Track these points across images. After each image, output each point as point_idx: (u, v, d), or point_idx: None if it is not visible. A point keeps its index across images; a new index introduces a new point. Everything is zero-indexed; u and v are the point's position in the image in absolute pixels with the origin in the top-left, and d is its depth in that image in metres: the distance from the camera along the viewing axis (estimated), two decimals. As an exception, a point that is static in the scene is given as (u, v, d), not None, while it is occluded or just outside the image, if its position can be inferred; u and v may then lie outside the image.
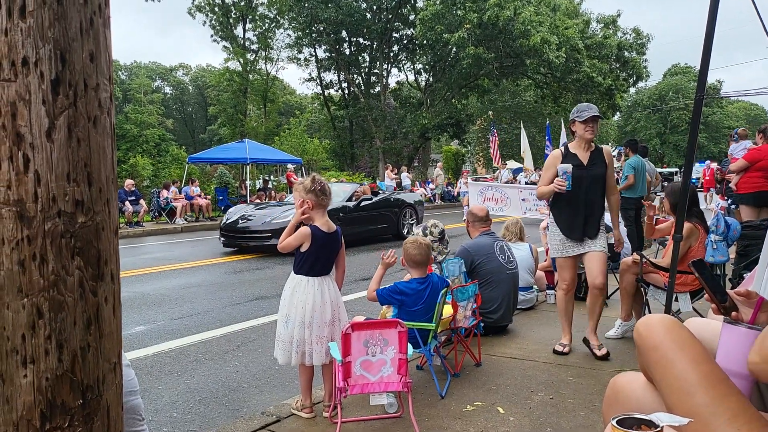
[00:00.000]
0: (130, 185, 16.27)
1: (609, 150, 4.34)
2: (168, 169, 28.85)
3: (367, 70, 32.85)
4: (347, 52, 32.43)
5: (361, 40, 32.28)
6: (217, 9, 30.77)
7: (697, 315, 4.33)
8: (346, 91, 33.77)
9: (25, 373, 1.37)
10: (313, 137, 37.57)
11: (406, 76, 35.31)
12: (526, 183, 19.53)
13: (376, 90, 32.76)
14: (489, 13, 24.84)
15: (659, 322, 1.48)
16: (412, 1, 30.99)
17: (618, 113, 50.93)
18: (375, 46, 31.71)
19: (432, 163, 34.70)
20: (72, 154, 1.38)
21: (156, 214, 16.88)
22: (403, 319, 3.30)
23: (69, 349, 1.40)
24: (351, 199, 11.88)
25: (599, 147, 4.33)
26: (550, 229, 4.36)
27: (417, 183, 26.27)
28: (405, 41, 32.48)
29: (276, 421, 3.26)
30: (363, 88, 32.68)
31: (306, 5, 29.51)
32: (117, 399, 1.55)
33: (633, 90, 47.99)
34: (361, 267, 9.03)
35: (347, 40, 32.16)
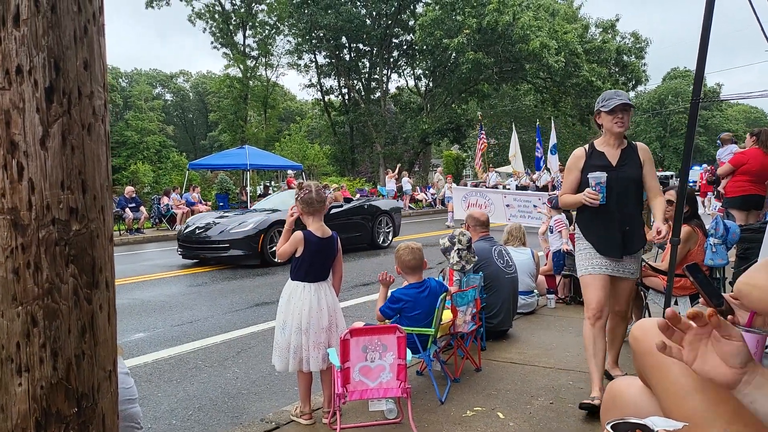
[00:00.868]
0: (131, 192, 16.29)
1: (645, 147, 3.64)
2: (169, 176, 28.88)
3: (367, 75, 32.97)
4: (347, 57, 32.55)
5: (360, 46, 32.41)
6: (217, 16, 30.93)
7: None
8: (347, 96, 33.88)
9: (20, 382, 1.37)
10: (314, 143, 37.61)
11: (406, 81, 35.50)
12: (516, 188, 19.43)
13: (377, 95, 32.86)
14: (488, 19, 24.93)
15: (654, 326, 1.47)
16: (412, 7, 31.14)
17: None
18: (375, 51, 31.82)
19: (432, 168, 34.74)
20: (66, 161, 1.38)
21: (156, 220, 16.89)
22: (403, 325, 3.30)
23: (64, 357, 1.40)
24: None
25: (633, 144, 3.61)
26: (577, 246, 3.66)
27: (418, 188, 26.29)
28: (405, 47, 32.62)
29: (275, 428, 3.26)
30: (363, 93, 32.78)
31: (306, 12, 29.65)
32: (112, 407, 1.55)
33: (632, 94, 48.05)
34: (360, 273, 9.02)
35: (347, 46, 32.28)
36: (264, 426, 3.28)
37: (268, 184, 29.03)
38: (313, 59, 33.46)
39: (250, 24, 31.44)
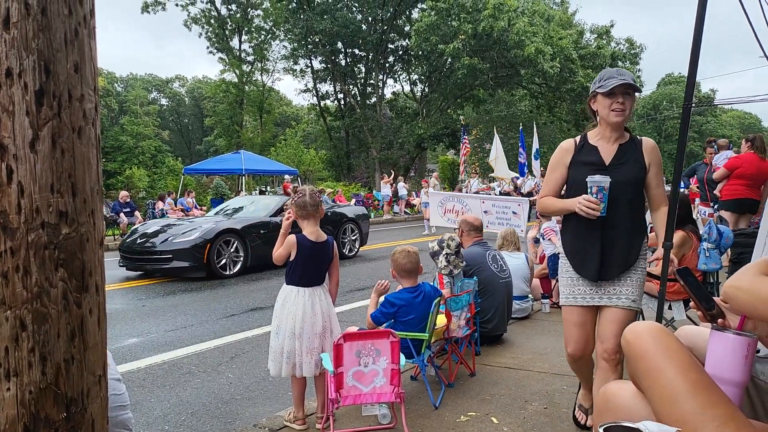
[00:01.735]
0: (125, 197, 16.25)
1: (653, 145, 2.85)
2: (164, 181, 28.86)
3: (362, 80, 33.02)
4: (343, 63, 32.60)
5: (356, 51, 32.47)
6: (213, 21, 30.97)
7: (691, 323, 4.33)
8: (342, 101, 33.92)
9: (8, 386, 1.35)
10: (310, 148, 37.66)
11: (402, 86, 35.57)
12: (500, 193, 19.28)
13: (372, 100, 32.91)
14: (483, 24, 25.02)
15: (646, 330, 1.47)
16: (407, 13, 31.24)
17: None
18: (370, 57, 31.88)
19: (428, 173, 34.78)
20: (56, 165, 1.38)
21: (151, 225, 16.82)
22: (397, 329, 3.29)
23: (53, 361, 1.39)
24: (277, 214, 10.11)
25: (637, 139, 2.82)
26: (560, 262, 2.99)
27: (413, 192, 26.31)
28: (400, 52, 32.69)
29: (268, 433, 3.24)
30: (359, 98, 32.83)
31: (301, 17, 29.70)
32: (102, 412, 1.54)
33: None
34: (356, 277, 9.00)
35: (343, 51, 32.34)
36: (257, 431, 3.26)
37: (263, 189, 29.04)
38: (309, 64, 33.54)
39: (246, 29, 31.54)
